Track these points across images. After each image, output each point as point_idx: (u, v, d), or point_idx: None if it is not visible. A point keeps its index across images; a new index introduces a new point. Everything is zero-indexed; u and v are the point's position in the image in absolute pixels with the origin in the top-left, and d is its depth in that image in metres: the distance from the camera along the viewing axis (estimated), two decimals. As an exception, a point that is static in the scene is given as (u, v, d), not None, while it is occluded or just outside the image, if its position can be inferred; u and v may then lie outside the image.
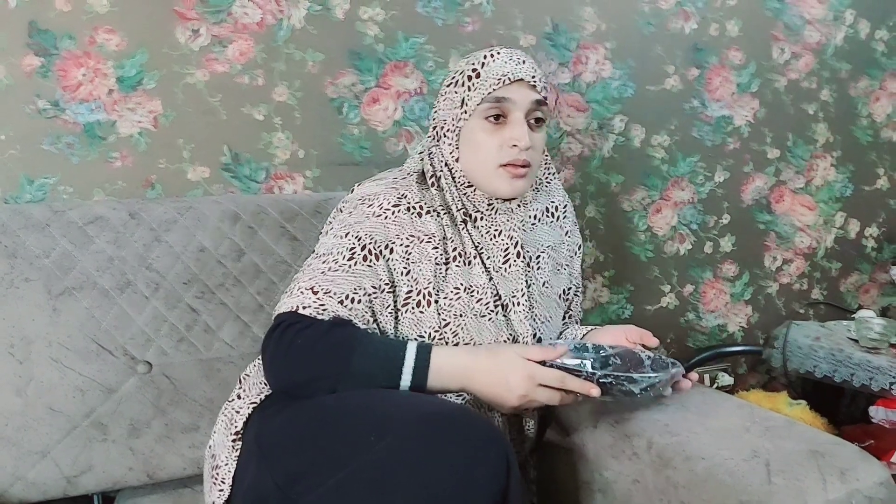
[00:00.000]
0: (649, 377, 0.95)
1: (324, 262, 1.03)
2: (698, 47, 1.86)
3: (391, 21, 1.54)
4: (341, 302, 0.99)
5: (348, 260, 1.02)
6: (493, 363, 0.97)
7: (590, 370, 0.94)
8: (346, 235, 1.04)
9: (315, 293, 0.99)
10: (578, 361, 0.99)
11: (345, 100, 1.53)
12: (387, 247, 1.04)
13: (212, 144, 1.45)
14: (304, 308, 0.98)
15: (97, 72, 1.35)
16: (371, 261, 1.03)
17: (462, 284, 1.07)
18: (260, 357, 1.17)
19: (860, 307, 2.22)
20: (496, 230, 1.11)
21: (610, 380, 0.94)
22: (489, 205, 1.11)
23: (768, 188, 2.03)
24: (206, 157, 1.45)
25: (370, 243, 1.03)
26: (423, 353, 0.97)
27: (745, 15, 1.90)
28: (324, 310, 0.98)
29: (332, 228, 1.08)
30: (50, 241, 1.17)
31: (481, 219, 1.11)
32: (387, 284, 1.03)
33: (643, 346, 1.10)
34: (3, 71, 1.29)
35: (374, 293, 1.02)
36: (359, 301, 1.00)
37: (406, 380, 0.95)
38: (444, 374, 0.97)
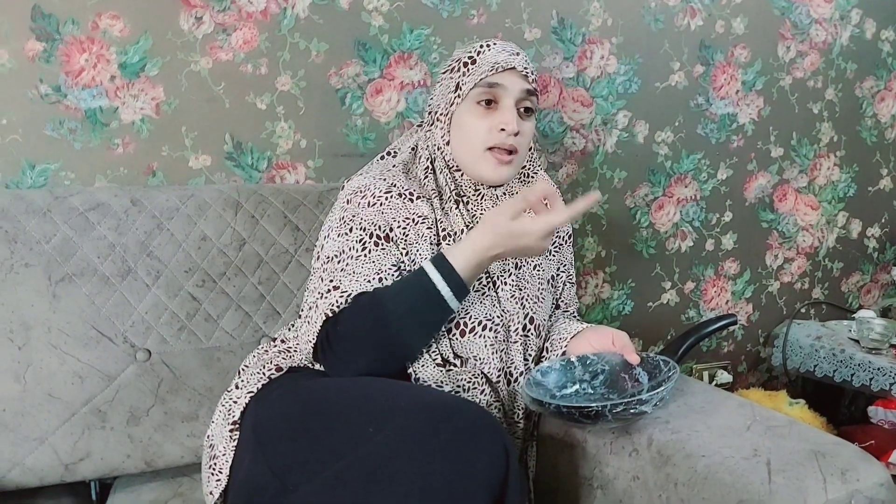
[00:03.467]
0: (657, 393, 0.95)
1: (339, 262, 1.06)
2: (705, 44, 1.85)
3: (396, 12, 1.54)
4: (369, 281, 1.03)
5: (363, 251, 1.06)
6: (511, 242, 1.01)
7: (601, 404, 0.95)
8: (351, 230, 1.07)
9: (338, 288, 1.02)
10: (586, 402, 1.04)
11: (348, 90, 1.53)
12: (390, 229, 1.08)
13: (214, 132, 1.44)
14: (332, 308, 1.01)
15: (100, 57, 1.34)
16: (382, 244, 1.07)
17: None
18: (259, 347, 1.18)
19: (861, 307, 2.22)
20: (482, 215, 1.15)
21: (622, 407, 0.94)
22: (476, 190, 1.16)
23: (771, 186, 2.03)
24: (209, 146, 1.44)
25: (375, 230, 1.07)
26: (442, 265, 1.01)
27: (751, 12, 1.89)
28: (350, 297, 1.02)
29: (331, 230, 1.11)
30: (51, 226, 1.16)
31: (467, 203, 1.16)
32: (402, 262, 1.07)
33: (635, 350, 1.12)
34: (6, 55, 1.28)
35: (395, 271, 1.06)
36: (381, 280, 1.03)
37: (449, 297, 1.00)
38: (473, 269, 1.02)
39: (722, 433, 0.96)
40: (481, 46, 1.13)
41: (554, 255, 1.25)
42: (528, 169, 1.23)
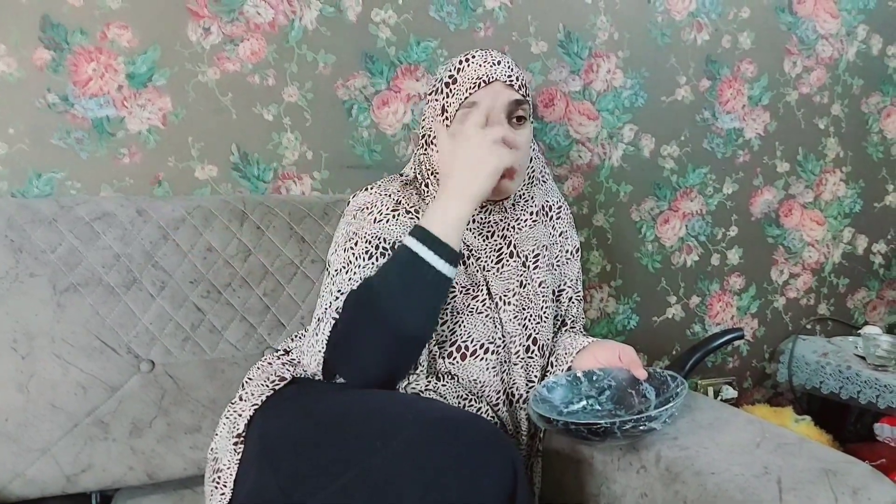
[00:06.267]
0: (666, 409, 0.94)
1: (347, 273, 1.03)
2: (711, 59, 1.85)
3: (404, 24, 1.54)
4: None
5: (368, 259, 1.03)
6: (457, 158, 0.98)
7: (610, 421, 0.94)
8: (356, 244, 1.05)
9: (343, 293, 1.00)
10: (594, 418, 1.03)
11: (355, 102, 1.53)
12: (395, 244, 1.05)
13: (221, 143, 1.44)
14: (338, 310, 0.99)
15: (108, 67, 1.34)
16: (389, 255, 1.04)
17: (457, 283, 1.09)
18: (262, 359, 1.17)
19: (866, 324, 2.21)
20: (489, 231, 1.14)
21: (631, 424, 0.93)
22: (483, 207, 1.13)
23: (777, 202, 2.02)
24: (215, 156, 1.44)
25: (381, 242, 1.05)
26: (416, 230, 0.96)
27: (758, 27, 1.89)
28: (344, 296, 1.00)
29: (338, 245, 1.09)
30: (56, 236, 1.16)
31: (472, 221, 1.12)
32: None
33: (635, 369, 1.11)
34: (15, 64, 1.28)
35: None
36: None
37: (433, 258, 0.95)
38: (446, 217, 0.96)
39: (731, 450, 0.95)
40: (461, 62, 1.08)
41: (557, 269, 1.23)
42: (539, 174, 1.21)
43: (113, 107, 1.36)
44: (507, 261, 1.14)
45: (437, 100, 1.11)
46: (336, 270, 1.05)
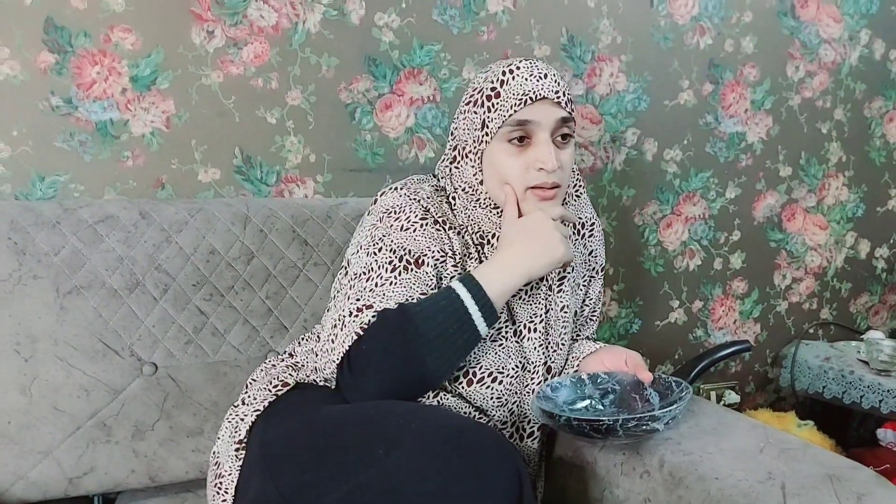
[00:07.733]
0: (669, 410, 0.94)
1: (368, 280, 1.00)
2: (714, 63, 1.85)
3: (407, 28, 1.54)
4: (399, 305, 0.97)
5: (392, 272, 1.00)
6: (525, 236, 0.99)
7: (612, 419, 0.93)
8: (380, 251, 1.02)
9: (370, 307, 0.97)
10: (597, 415, 1.03)
11: (358, 105, 1.53)
12: (420, 258, 1.01)
13: (224, 146, 1.44)
14: (363, 326, 0.96)
15: (112, 70, 1.34)
16: (412, 269, 1.01)
17: None
18: (266, 361, 1.16)
19: (869, 328, 2.20)
20: None
21: (633, 423, 0.93)
22: None
23: (780, 206, 2.02)
24: (218, 159, 1.44)
25: (405, 254, 1.01)
26: (472, 286, 0.97)
27: (760, 32, 1.89)
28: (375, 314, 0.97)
29: (360, 246, 1.05)
30: (60, 238, 1.16)
31: (491, 244, 1.07)
32: (433, 290, 1.01)
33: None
34: (18, 67, 1.29)
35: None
36: None
37: (479, 320, 0.96)
38: (501, 285, 0.98)
39: (735, 455, 0.95)
40: (504, 73, 1.01)
41: (581, 289, 1.19)
42: (573, 190, 1.15)
43: (116, 109, 1.36)
44: (537, 283, 1.09)
45: (475, 112, 1.04)
46: (356, 274, 1.02)
